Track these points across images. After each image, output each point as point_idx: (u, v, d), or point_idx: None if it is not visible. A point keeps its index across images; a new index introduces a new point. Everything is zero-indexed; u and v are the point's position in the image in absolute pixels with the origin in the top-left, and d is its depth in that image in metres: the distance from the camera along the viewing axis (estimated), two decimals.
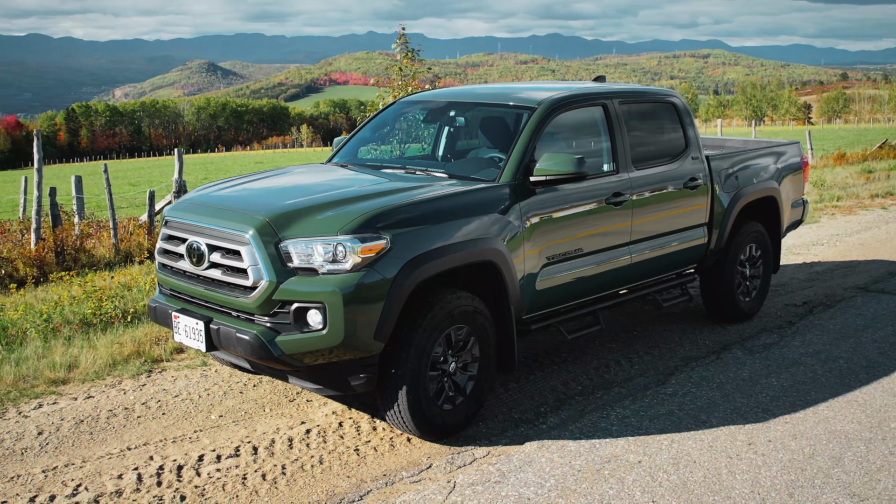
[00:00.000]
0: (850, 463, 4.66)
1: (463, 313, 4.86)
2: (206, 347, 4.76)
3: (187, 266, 4.91)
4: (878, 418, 5.26)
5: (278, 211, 4.63)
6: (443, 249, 4.70)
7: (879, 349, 6.55)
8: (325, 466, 4.63)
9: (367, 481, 4.45)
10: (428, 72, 14.02)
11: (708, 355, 6.43)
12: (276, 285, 4.45)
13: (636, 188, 5.96)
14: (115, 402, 5.56)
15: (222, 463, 4.67)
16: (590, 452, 4.75)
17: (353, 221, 4.49)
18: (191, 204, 5.13)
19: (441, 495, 4.27)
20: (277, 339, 4.47)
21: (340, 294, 4.35)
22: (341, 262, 4.42)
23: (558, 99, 5.67)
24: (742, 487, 4.37)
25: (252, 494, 4.32)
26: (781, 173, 7.53)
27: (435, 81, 14.80)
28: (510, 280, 5.09)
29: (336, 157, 6.34)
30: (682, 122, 6.56)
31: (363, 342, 4.46)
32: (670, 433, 5.01)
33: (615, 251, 5.89)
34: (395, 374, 4.63)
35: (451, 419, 4.92)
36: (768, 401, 5.53)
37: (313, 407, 5.46)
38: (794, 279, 8.94)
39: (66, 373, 6.06)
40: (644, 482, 4.41)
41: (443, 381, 4.89)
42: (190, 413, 5.39)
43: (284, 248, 4.49)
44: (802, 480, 4.45)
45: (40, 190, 11.79)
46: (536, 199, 5.30)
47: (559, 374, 6.05)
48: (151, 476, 4.51)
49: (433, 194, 4.91)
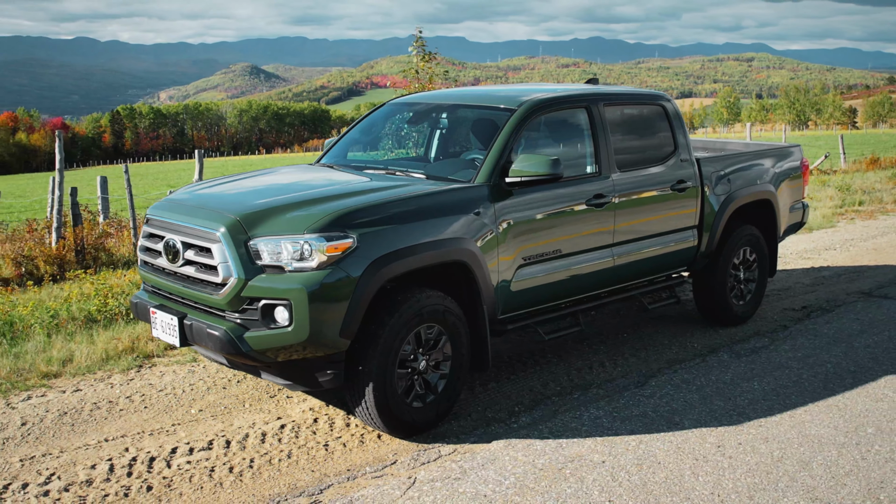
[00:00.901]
0: (818, 467, 4.63)
1: (432, 312, 4.92)
2: (179, 343, 4.88)
3: (164, 263, 5.04)
4: (856, 423, 5.21)
5: (249, 210, 4.74)
6: (410, 249, 4.76)
7: (871, 354, 6.48)
8: (292, 461, 4.71)
9: (331, 475, 4.53)
10: (445, 74, 14.11)
11: (694, 358, 6.41)
12: (244, 282, 4.55)
13: (620, 190, 5.96)
14: (102, 395, 5.71)
15: (194, 455, 4.78)
16: (555, 452, 4.78)
17: (319, 221, 4.57)
18: (171, 203, 5.26)
19: (399, 490, 4.33)
20: (246, 336, 4.57)
21: (306, 291, 4.44)
22: (307, 261, 4.51)
23: (538, 101, 5.71)
24: (703, 489, 4.37)
25: (216, 486, 4.42)
26: (779, 176, 7.48)
27: (452, 83, 14.88)
28: (483, 280, 5.13)
29: (325, 157, 6.44)
30: (672, 124, 6.55)
31: (329, 339, 4.54)
32: (640, 434, 5.02)
33: (597, 253, 5.90)
34: (363, 371, 4.70)
35: (420, 417, 4.98)
36: (746, 404, 5.51)
37: (292, 403, 5.55)
38: (798, 283, 8.85)
39: (60, 367, 6.23)
40: (604, 482, 4.42)
41: (413, 378, 4.95)
42: (171, 407, 5.51)
43: (253, 245, 4.59)
44: (766, 484, 4.43)
45: (61, 190, 12.07)
46: (513, 200, 5.34)
47: (541, 374, 6.08)
48: (123, 467, 4.64)
49: (403, 195, 4.98)
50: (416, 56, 13.69)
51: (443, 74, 13.92)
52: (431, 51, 13.71)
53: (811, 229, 12.36)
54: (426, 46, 13.65)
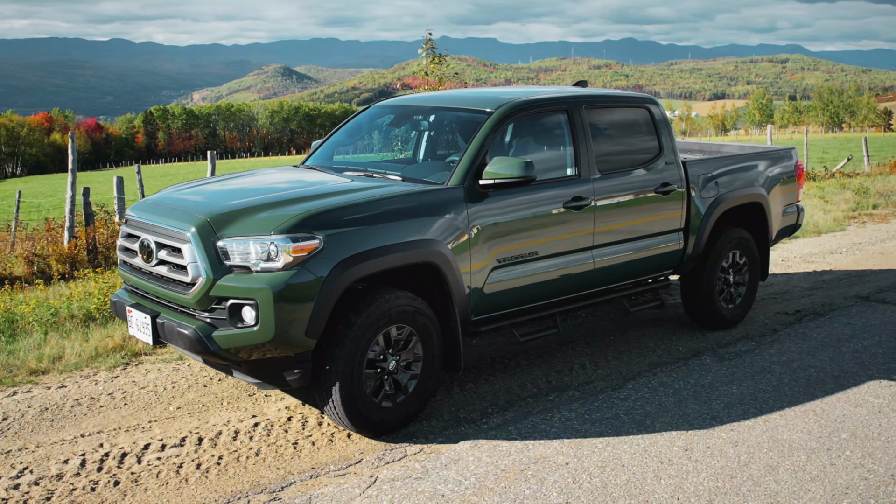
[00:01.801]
0: (784, 472, 4.61)
1: (402, 313, 4.96)
2: (152, 341, 4.97)
3: (140, 262, 5.13)
4: (831, 428, 5.18)
5: (219, 211, 4.82)
6: (378, 250, 4.81)
7: (857, 359, 6.42)
8: (259, 458, 4.78)
9: (294, 473, 4.59)
10: (455, 77, 14.17)
11: (676, 361, 6.39)
12: (213, 282, 4.63)
13: (600, 193, 5.97)
14: (85, 391, 5.82)
15: (165, 452, 4.86)
16: (520, 453, 4.80)
17: (286, 222, 4.64)
18: (149, 203, 5.36)
19: (359, 489, 4.38)
20: (214, 334, 4.64)
21: (271, 291, 4.50)
22: (274, 261, 4.58)
23: (515, 104, 5.73)
24: (663, 492, 4.37)
25: (181, 482, 4.49)
26: (771, 179, 7.43)
27: (462, 85, 14.91)
28: (454, 282, 5.16)
29: (310, 159, 6.51)
30: (657, 127, 6.54)
31: (295, 339, 4.60)
32: (608, 437, 5.02)
33: (576, 255, 5.91)
34: (330, 371, 4.76)
35: (389, 416, 5.02)
36: (721, 408, 5.49)
37: (269, 402, 5.62)
38: (796, 287, 8.78)
39: (49, 364, 6.36)
40: (564, 483, 4.44)
41: (382, 378, 5.00)
42: (150, 404, 5.61)
43: (222, 246, 4.66)
44: (728, 488, 4.42)
45: (73, 190, 12.27)
46: (488, 201, 5.37)
47: (520, 375, 6.10)
48: (94, 462, 4.73)
49: (372, 197, 5.03)
50: (426, 58, 13.76)
51: (453, 76, 13.98)
52: (441, 52, 13.79)
53: (819, 232, 12.23)
54: (436, 48, 13.73)
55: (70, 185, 12.35)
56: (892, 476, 4.58)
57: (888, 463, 4.72)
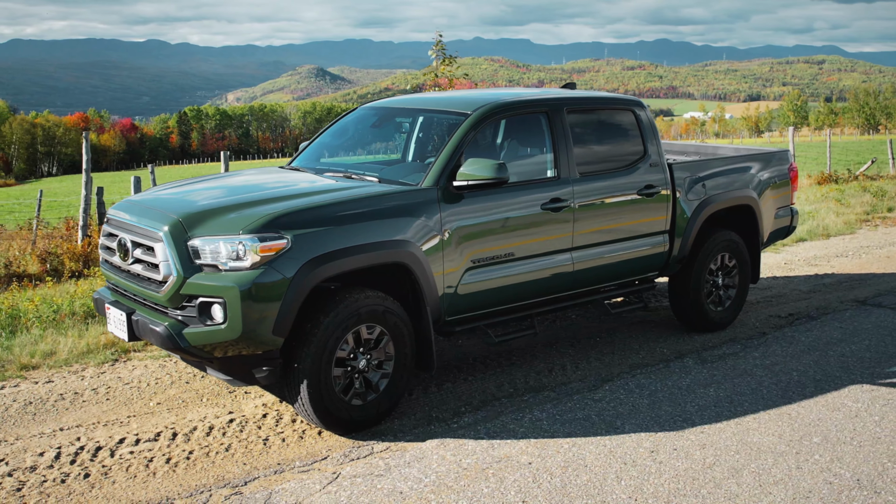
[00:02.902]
0: (748, 475, 4.61)
1: (371, 313, 5.02)
2: (128, 337, 5.09)
3: (118, 261, 5.25)
4: (803, 432, 5.16)
5: (191, 211, 4.91)
6: (346, 251, 4.87)
7: (842, 363, 6.38)
8: (229, 454, 4.87)
9: (260, 469, 4.67)
10: (465, 77, 14.21)
11: (657, 363, 6.39)
12: (183, 280, 4.73)
13: (579, 195, 5.99)
14: (70, 386, 5.95)
15: (139, 446, 4.97)
16: (485, 452, 4.84)
17: (255, 222, 4.72)
18: (128, 203, 5.47)
19: (320, 485, 4.45)
20: (185, 332, 4.74)
21: (238, 290, 4.59)
22: (242, 260, 4.66)
23: (492, 106, 5.77)
24: (622, 493, 4.39)
25: (149, 476, 4.59)
26: (763, 182, 7.40)
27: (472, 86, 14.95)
28: (425, 283, 5.22)
29: (296, 160, 6.60)
30: (642, 130, 6.54)
31: (262, 336, 4.68)
32: (576, 437, 5.05)
33: (554, 257, 5.93)
34: (298, 368, 4.83)
35: (359, 414, 5.09)
36: (694, 410, 5.49)
37: (249, 398, 5.71)
38: (795, 290, 8.73)
39: (41, 359, 6.50)
40: (524, 483, 4.48)
41: (352, 377, 5.07)
42: (132, 399, 5.72)
43: (193, 245, 4.76)
44: (688, 490, 4.43)
45: (87, 189, 12.50)
46: (463, 203, 5.42)
47: (499, 376, 6.13)
48: (69, 455, 4.85)
49: (342, 198, 5.10)
50: (436, 60, 13.81)
51: (462, 77, 14.02)
52: (451, 54, 13.84)
53: (828, 235, 12.12)
54: (446, 50, 13.78)
55: (84, 184, 12.58)
56: (858, 481, 4.56)
57: (856, 468, 4.70)
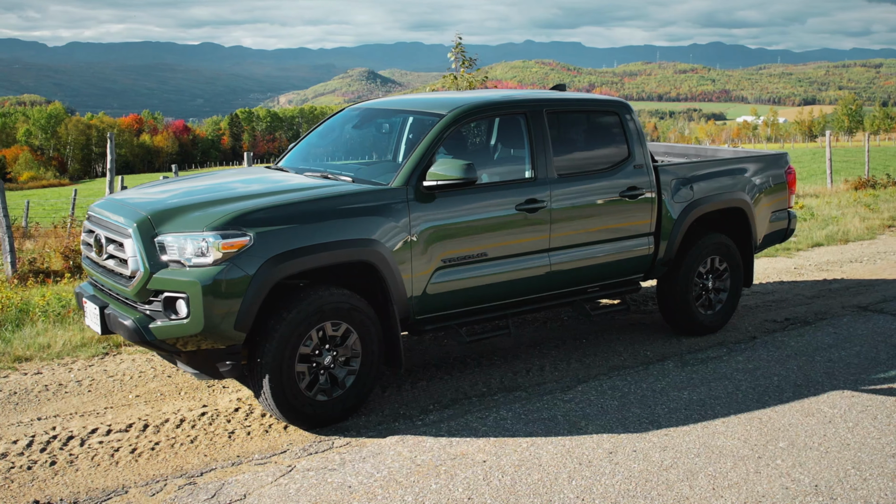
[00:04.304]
0: (704, 478, 4.59)
1: (336, 310, 5.10)
2: (101, 331, 5.23)
3: (94, 256, 5.41)
4: (771, 437, 5.11)
5: (160, 208, 5.05)
6: (310, 248, 4.96)
7: (827, 369, 6.29)
8: (192, 445, 4.98)
9: (219, 460, 4.77)
10: (484, 80, 14.24)
11: (637, 366, 6.37)
12: (149, 275, 4.86)
13: (557, 196, 5.99)
14: (56, 378, 6.13)
15: (109, 437, 5.11)
16: (442, 449, 4.88)
17: (218, 219, 4.83)
18: (108, 201, 5.63)
19: (272, 477, 4.53)
20: (151, 326, 4.87)
21: (200, 285, 4.70)
22: (205, 256, 4.78)
23: (468, 107, 5.81)
24: (570, 493, 4.40)
25: (111, 465, 4.72)
26: (758, 185, 7.32)
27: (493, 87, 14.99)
28: (392, 281, 5.28)
29: (282, 160, 6.70)
30: (626, 131, 6.52)
31: (224, 331, 4.79)
32: (536, 437, 5.06)
33: (530, 258, 5.94)
34: (260, 363, 4.93)
35: (324, 410, 5.16)
36: (664, 413, 5.46)
37: (226, 392, 5.83)
38: (798, 295, 8.60)
39: (35, 351, 6.70)
40: (474, 480, 4.51)
41: (318, 372, 5.15)
42: (112, 391, 5.88)
43: (160, 241, 4.89)
44: (638, 491, 4.43)
45: (111, 189, 12.80)
46: (435, 203, 5.47)
47: (476, 375, 6.17)
48: (41, 443, 5.00)
49: (310, 196, 5.19)
50: (455, 62, 13.87)
51: (483, 80, 14.06)
52: (471, 56, 13.89)
53: (847, 241, 11.90)
54: (465, 52, 13.84)
55: (108, 184, 12.87)
56: (816, 487, 4.50)
57: (817, 474, 4.64)
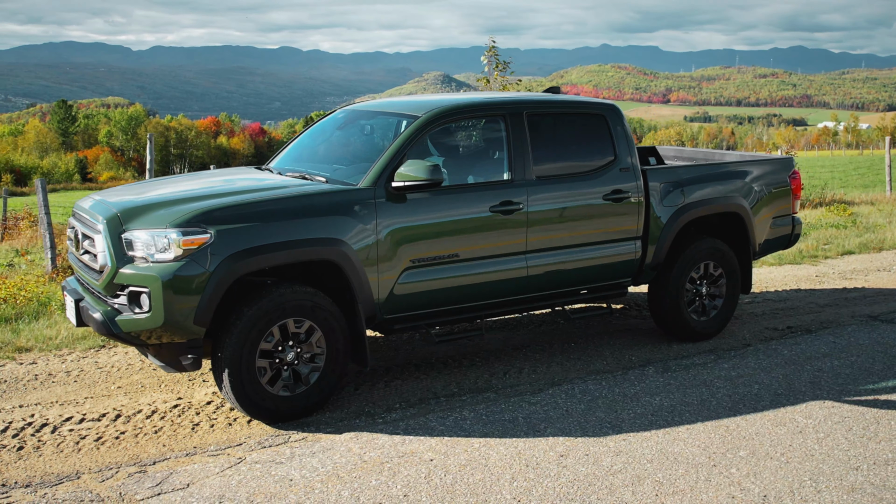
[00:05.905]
0: (649, 484, 4.54)
1: (298, 307, 5.20)
2: (76, 323, 5.44)
3: (74, 251, 5.62)
4: (732, 445, 5.02)
5: (129, 205, 5.23)
6: (271, 247, 5.07)
7: (812, 379, 6.13)
8: (155, 436, 5.13)
9: (175, 451, 4.91)
10: (518, 84, 14.18)
11: (616, 370, 6.31)
12: (116, 270, 5.03)
13: (535, 198, 5.99)
14: (48, 368, 6.37)
15: (80, 425, 5.30)
16: (393, 447, 4.93)
17: (181, 217, 4.99)
18: (90, 199, 5.83)
19: (219, 468, 4.65)
20: (118, 319, 5.04)
21: (160, 281, 4.86)
22: (166, 253, 4.93)
23: (443, 109, 5.85)
24: (507, 495, 4.40)
25: (74, 452, 4.90)
26: (758, 189, 7.17)
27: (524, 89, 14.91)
28: (356, 281, 5.35)
29: (270, 161, 6.84)
30: (612, 134, 6.47)
31: (184, 325, 4.94)
32: (491, 438, 5.07)
33: (505, 260, 5.95)
34: (221, 357, 5.07)
35: (286, 405, 5.26)
36: (629, 418, 5.41)
37: (205, 386, 5.99)
38: (811, 304, 8.38)
39: (37, 342, 6.98)
40: (415, 479, 4.55)
41: (280, 368, 5.25)
42: (96, 382, 6.09)
43: (127, 237, 5.06)
44: (578, 495, 4.40)
45: None
46: (406, 204, 5.53)
47: (452, 375, 6.19)
48: (16, 429, 5.22)
49: (276, 195, 5.31)
50: (488, 66, 13.86)
51: (517, 84, 14.01)
52: (505, 59, 13.86)
53: (881, 249, 11.52)
54: (499, 55, 13.81)
55: None
56: (765, 497, 4.42)
57: (770, 484, 4.55)
